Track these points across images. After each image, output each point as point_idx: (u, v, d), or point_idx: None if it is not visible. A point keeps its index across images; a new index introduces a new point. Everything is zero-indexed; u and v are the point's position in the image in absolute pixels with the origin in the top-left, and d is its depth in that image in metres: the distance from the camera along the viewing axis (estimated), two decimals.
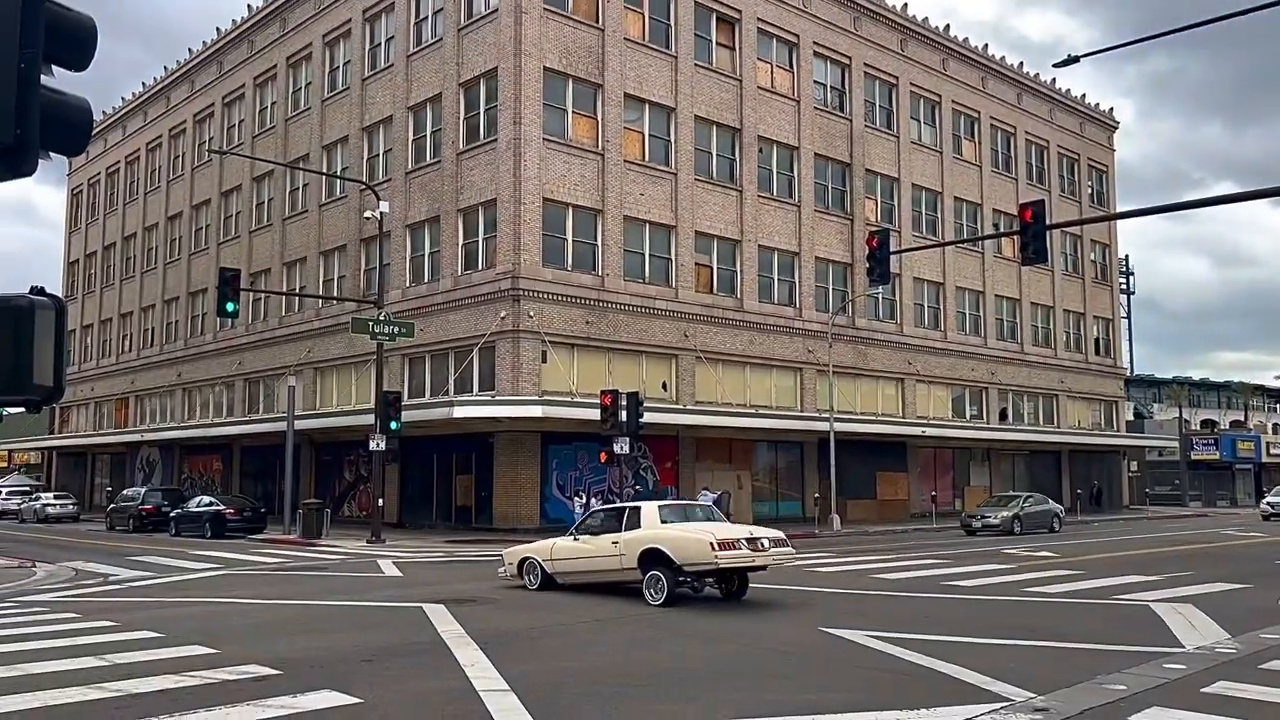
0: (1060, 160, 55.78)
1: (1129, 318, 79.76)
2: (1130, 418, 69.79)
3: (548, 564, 17.30)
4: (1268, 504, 48.50)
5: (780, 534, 15.98)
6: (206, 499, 35.62)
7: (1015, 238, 29.10)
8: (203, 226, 49.99)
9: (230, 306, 27.24)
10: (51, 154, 4.45)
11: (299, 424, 34.16)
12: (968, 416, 48.75)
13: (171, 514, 35.60)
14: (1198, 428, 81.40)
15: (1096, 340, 57.86)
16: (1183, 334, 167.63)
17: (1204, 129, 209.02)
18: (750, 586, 16.12)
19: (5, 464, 73.96)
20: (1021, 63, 53.63)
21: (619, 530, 16.09)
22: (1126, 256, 79.84)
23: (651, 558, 15.17)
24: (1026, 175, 53.15)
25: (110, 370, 57.13)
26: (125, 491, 42.61)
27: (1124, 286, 77.49)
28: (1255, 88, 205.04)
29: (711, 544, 14.48)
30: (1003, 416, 50.54)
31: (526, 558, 17.81)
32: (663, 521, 15.82)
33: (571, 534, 17.45)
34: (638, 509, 16.46)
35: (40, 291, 4.22)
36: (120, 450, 56.22)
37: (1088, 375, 56.43)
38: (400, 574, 20.38)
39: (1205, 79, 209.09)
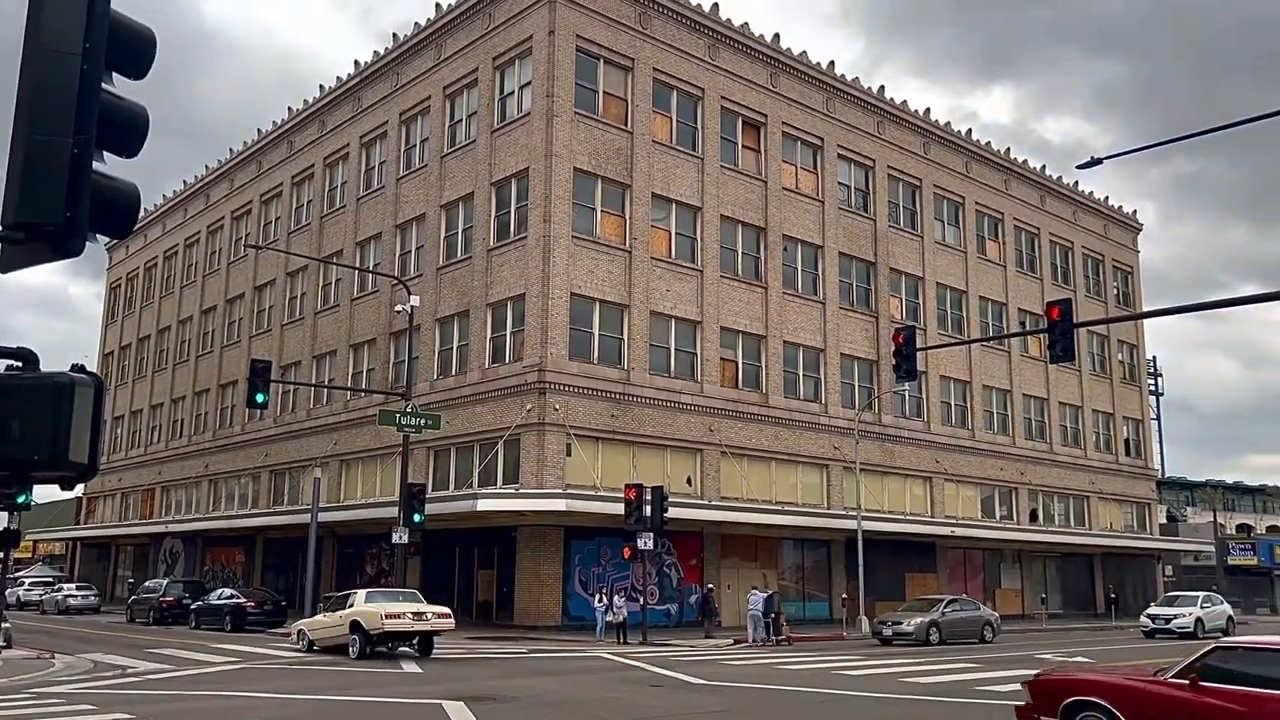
0: (1085, 261, 55.97)
1: (1159, 419, 78.80)
2: (1163, 521, 68.31)
3: (310, 632, 24.21)
4: (1148, 616, 38.01)
5: (445, 610, 23.34)
6: (227, 591, 35.42)
7: (1042, 337, 29.09)
8: (236, 320, 50.86)
9: (260, 398, 27.49)
10: (99, 236, 4.59)
11: (322, 516, 34.09)
12: (997, 517, 47.91)
13: (192, 606, 35.37)
14: (1233, 532, 79.47)
15: (1126, 441, 57.09)
16: (1215, 436, 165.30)
17: (1228, 230, 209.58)
18: (776, 689, 15.72)
19: (29, 554, 73.95)
20: (1044, 166, 54.35)
21: (343, 608, 23.12)
22: (1155, 357, 79.30)
23: (353, 625, 22.33)
24: (1051, 275, 53.30)
25: (138, 461, 57.51)
26: (147, 583, 42.43)
27: (1153, 387, 76.80)
28: (1278, 188, 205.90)
29: (381, 615, 21.70)
30: (1033, 518, 49.64)
31: (301, 629, 24.85)
32: (367, 601, 22.78)
33: (323, 612, 24.39)
34: (354, 593, 23.80)
35: (80, 369, 4.30)
36: (144, 542, 56.19)
37: (1118, 477, 55.52)
38: (420, 670, 20.02)
39: (1227, 181, 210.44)
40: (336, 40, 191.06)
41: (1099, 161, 20.44)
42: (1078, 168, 20.78)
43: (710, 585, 32.94)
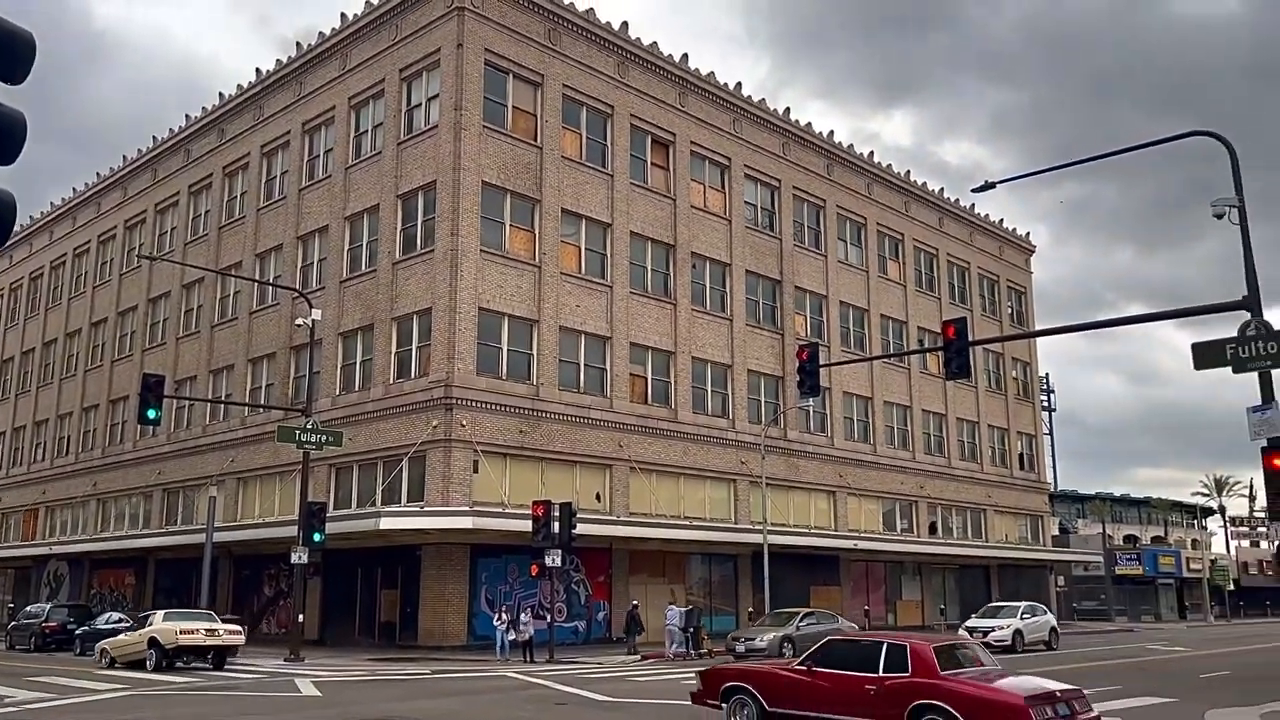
0: (980, 281, 57.91)
1: (1051, 434, 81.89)
2: (1055, 532, 70.85)
3: (111, 650, 26.60)
4: (967, 629, 34.55)
5: (236, 627, 26.31)
6: (116, 615, 33.93)
7: (939, 354, 29.96)
8: (128, 333, 49.01)
9: (152, 413, 26.56)
10: None
11: (218, 536, 33.03)
12: (898, 530, 49.05)
13: (78, 632, 33.78)
14: (1120, 543, 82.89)
15: (1020, 455, 59.11)
16: (1103, 450, 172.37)
17: (1115, 252, 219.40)
18: (681, 704, 15.79)
19: None
20: (942, 188, 56.13)
21: (145, 627, 25.65)
22: (1047, 374, 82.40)
23: (151, 641, 24.97)
24: (949, 295, 54.99)
25: (20, 480, 54.81)
26: (29, 608, 40.35)
27: (1045, 403, 79.73)
28: (1162, 213, 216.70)
29: (176, 631, 24.55)
30: (932, 530, 50.95)
31: (103, 647, 27.23)
32: (164, 619, 25.46)
33: (127, 630, 26.99)
34: (154, 613, 26.81)
35: None
36: (26, 564, 53.49)
37: (1013, 490, 57.41)
38: (319, 694, 19.50)
39: (1116, 205, 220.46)
40: (235, 46, 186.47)
41: (992, 185, 21.24)
42: (972, 191, 21.58)
43: (636, 602, 32.98)
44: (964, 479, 53.45)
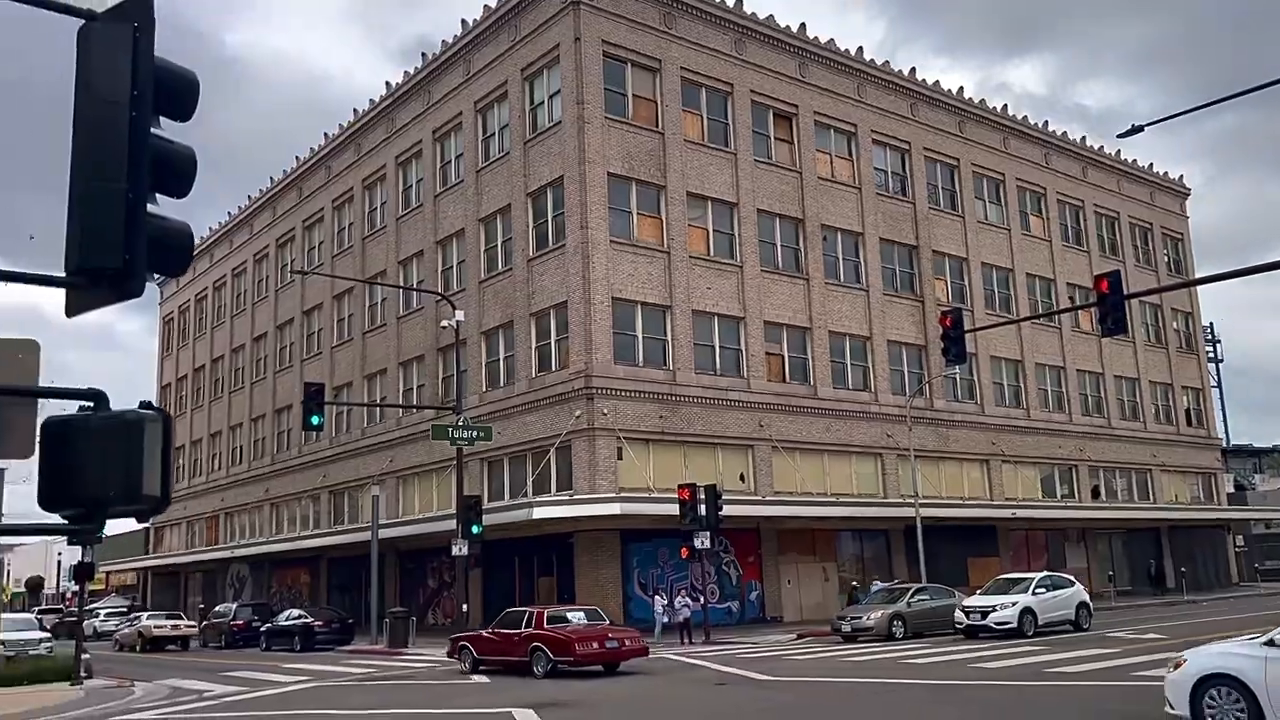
0: (1133, 230, 54.94)
1: (1219, 386, 76.95)
2: (1231, 490, 66.73)
3: (121, 639, 36.79)
4: (963, 610, 27.73)
5: (193, 623, 36.74)
6: (295, 612, 35.99)
7: (1092, 310, 28.65)
8: (287, 345, 51.75)
9: (315, 420, 28.00)
10: (157, 275, 4.76)
11: (382, 533, 34.56)
12: (1059, 496, 47.19)
13: (262, 629, 36.02)
14: None
15: (1187, 411, 55.92)
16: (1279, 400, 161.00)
17: (1277, 187, 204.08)
18: (840, 682, 15.66)
19: (103, 586, 75.76)
20: (1084, 137, 53.41)
21: (138, 623, 33.38)
22: (1211, 324, 77.39)
23: (140, 633, 32.84)
24: (1099, 248, 52.39)
25: (201, 489, 58.72)
26: (217, 608, 43.22)
27: (1211, 354, 75.05)
28: None
29: (154, 626, 34.79)
30: (1095, 494, 48.81)
31: (117, 638, 38.08)
32: (147, 619, 32.63)
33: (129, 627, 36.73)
34: (140, 614, 33.76)
35: (148, 406, 4.46)
36: (211, 568, 57.36)
37: (1180, 447, 54.38)
38: (488, 680, 20.24)
39: (1274, 136, 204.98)
40: (360, 59, 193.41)
41: (1140, 129, 20.13)
42: (1118, 136, 20.48)
43: (855, 583, 33.10)
44: (1126, 439, 50.95)
